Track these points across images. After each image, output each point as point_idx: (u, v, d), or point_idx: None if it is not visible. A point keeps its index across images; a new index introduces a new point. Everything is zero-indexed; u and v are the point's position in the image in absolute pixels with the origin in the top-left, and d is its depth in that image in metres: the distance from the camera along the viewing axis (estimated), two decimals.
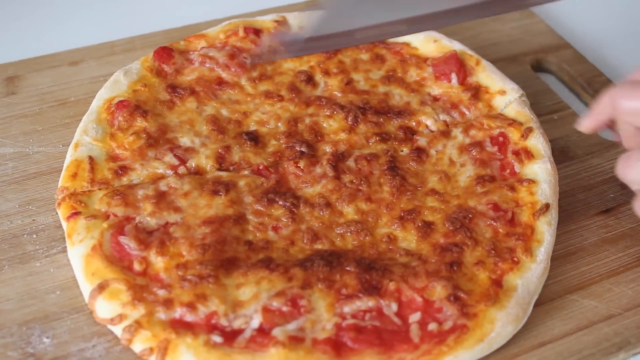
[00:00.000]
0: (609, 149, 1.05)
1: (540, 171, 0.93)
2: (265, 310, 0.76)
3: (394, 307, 0.77)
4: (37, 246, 0.87)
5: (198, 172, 0.93)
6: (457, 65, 1.08)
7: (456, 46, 1.12)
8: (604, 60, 1.20)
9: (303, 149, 0.97)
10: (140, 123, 0.96)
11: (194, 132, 0.98)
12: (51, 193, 0.93)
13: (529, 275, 0.81)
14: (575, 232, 0.92)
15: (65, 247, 0.85)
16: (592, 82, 1.16)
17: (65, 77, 1.10)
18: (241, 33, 1.12)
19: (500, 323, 0.76)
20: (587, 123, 0.85)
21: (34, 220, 0.90)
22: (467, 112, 1.04)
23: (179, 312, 0.76)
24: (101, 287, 0.78)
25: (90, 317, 0.79)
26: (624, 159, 0.80)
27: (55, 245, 0.87)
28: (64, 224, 0.86)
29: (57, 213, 0.89)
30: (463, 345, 0.74)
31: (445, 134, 1.00)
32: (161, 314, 0.76)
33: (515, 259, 0.83)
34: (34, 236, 0.88)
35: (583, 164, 1.03)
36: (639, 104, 0.78)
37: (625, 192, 0.97)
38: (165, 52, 1.07)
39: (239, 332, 0.75)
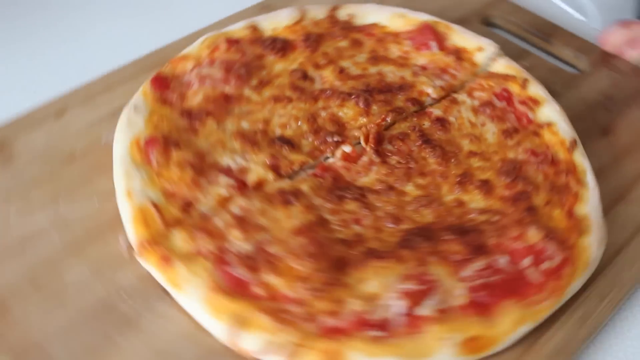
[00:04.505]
0: (576, 81, 1.19)
1: (552, 113, 1.03)
2: (403, 294, 0.80)
3: (505, 259, 0.84)
4: (133, 306, 0.82)
5: (259, 186, 0.93)
6: (433, 33, 1.16)
7: (423, 17, 1.19)
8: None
9: (336, 139, 1.00)
10: (176, 155, 0.94)
11: (229, 150, 0.97)
12: (113, 249, 0.87)
13: (592, 201, 0.92)
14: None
15: (162, 296, 0.82)
16: (542, 28, 1.29)
17: (57, 130, 1.01)
18: (223, 46, 1.11)
19: (593, 248, 0.86)
20: (612, 40, 1.09)
21: (114, 281, 0.85)
22: (457, 74, 1.12)
23: (324, 321, 0.77)
24: (239, 322, 0.77)
25: (235, 356, 0.77)
26: (606, 30, 1.02)
27: (149, 298, 0.83)
28: (157, 274, 0.82)
29: (134, 266, 0.85)
30: (576, 274, 0.83)
31: (454, 101, 1.07)
32: (311, 328, 0.77)
33: (574, 191, 0.93)
34: (124, 296, 0.83)
35: (564, 99, 1.13)
36: None
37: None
38: (161, 80, 1.03)
39: (389, 321, 0.78)
